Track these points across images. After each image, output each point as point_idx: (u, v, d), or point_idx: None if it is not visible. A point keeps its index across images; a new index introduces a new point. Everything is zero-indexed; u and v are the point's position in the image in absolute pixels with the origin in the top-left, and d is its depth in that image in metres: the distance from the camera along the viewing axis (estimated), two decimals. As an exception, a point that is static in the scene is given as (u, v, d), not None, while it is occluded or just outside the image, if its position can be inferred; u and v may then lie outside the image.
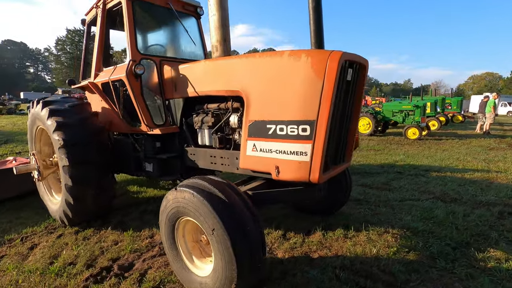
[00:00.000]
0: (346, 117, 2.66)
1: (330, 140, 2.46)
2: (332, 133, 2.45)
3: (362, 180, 5.48)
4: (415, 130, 11.33)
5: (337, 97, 2.36)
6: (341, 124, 2.63)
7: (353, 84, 2.58)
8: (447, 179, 5.48)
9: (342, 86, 2.38)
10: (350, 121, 2.75)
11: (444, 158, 7.75)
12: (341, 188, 3.63)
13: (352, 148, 2.91)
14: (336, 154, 2.72)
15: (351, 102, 2.65)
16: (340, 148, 2.74)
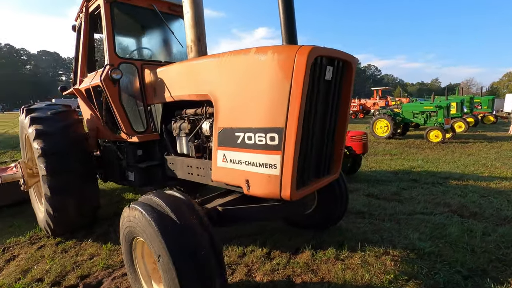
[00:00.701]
0: (329, 123, 2.30)
1: (307, 150, 2.12)
2: (308, 141, 2.10)
3: (370, 189, 5.01)
4: (438, 132, 10.49)
5: (313, 100, 2.03)
6: (322, 131, 2.28)
7: (336, 84, 2.23)
8: (468, 189, 4.86)
9: (318, 87, 2.04)
10: (334, 127, 2.39)
11: (469, 163, 7.02)
12: (335, 201, 3.23)
13: (340, 158, 2.54)
14: (318, 166, 2.37)
15: (335, 105, 2.30)
16: (324, 159, 2.39)
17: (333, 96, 2.24)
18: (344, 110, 2.41)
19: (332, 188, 3.20)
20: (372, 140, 11.51)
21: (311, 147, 2.15)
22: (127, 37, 3.89)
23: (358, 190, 4.97)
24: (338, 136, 2.47)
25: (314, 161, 2.30)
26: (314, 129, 2.13)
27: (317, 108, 2.10)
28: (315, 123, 2.12)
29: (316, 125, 2.14)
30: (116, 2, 3.34)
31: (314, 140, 2.19)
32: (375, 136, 12.03)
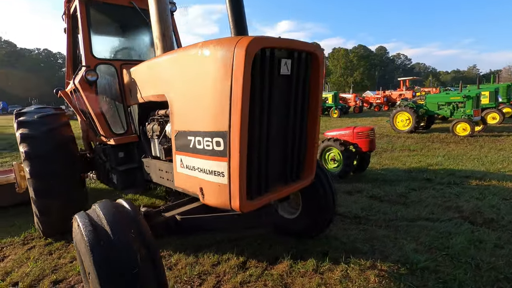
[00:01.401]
0: (293, 123, 2.05)
1: (262, 155, 1.89)
2: (262, 145, 1.86)
3: (375, 190, 4.62)
4: (466, 125, 9.57)
5: (264, 98, 1.78)
6: (284, 133, 2.03)
7: (299, 79, 1.96)
8: (489, 190, 4.31)
9: (272, 83, 1.79)
10: (301, 128, 2.12)
11: (496, 160, 6.29)
12: (319, 207, 2.95)
13: (312, 162, 2.27)
14: (284, 171, 2.13)
15: (300, 103, 2.03)
16: (290, 163, 2.14)
17: (295, 93, 1.98)
18: (314, 108, 2.13)
19: (315, 192, 2.92)
20: (392, 135, 10.82)
21: (267, 152, 1.91)
22: (106, 37, 3.82)
23: (361, 191, 4.60)
24: (308, 137, 2.20)
25: (277, 166, 2.06)
26: (270, 131, 1.88)
27: (273, 107, 1.85)
28: (271, 124, 1.87)
29: (273, 126, 1.89)
30: (92, 1, 3.27)
31: (273, 143, 1.95)
32: (395, 130, 11.29)
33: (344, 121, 16.18)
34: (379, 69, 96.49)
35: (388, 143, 9.08)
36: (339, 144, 5.27)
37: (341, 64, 73.05)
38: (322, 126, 14.67)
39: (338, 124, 14.97)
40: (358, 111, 21.77)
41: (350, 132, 5.41)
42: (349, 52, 77.51)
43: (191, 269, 2.69)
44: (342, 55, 74.79)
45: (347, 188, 4.77)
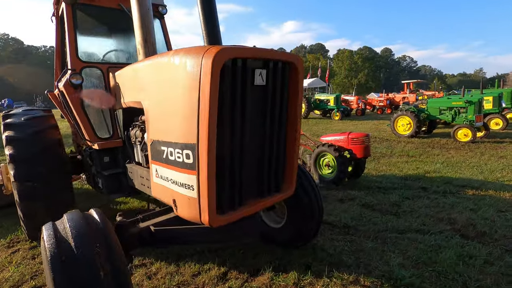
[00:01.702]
0: (270, 134, 1.98)
1: (234, 168, 1.82)
2: (235, 158, 1.80)
3: (368, 198, 4.52)
4: (467, 131, 9.41)
5: (236, 110, 1.71)
6: (259, 145, 1.96)
7: (276, 89, 1.89)
8: (484, 201, 4.20)
9: (245, 94, 1.73)
10: (279, 139, 2.05)
11: (496, 168, 6.15)
12: (303, 216, 2.87)
13: (292, 173, 2.20)
14: (261, 184, 2.06)
15: (277, 114, 1.96)
16: (268, 176, 2.07)
17: (272, 104, 1.91)
18: (293, 119, 2.06)
19: (299, 201, 2.85)
20: (392, 139, 10.68)
21: (242, 164, 1.84)
22: (94, 40, 3.78)
23: (353, 199, 4.52)
24: (287, 148, 2.13)
25: (254, 179, 2.00)
26: (244, 144, 1.82)
27: (247, 119, 1.78)
28: (245, 136, 1.80)
29: (247, 138, 1.83)
30: (78, 4, 3.23)
31: (249, 155, 1.88)
32: (396, 135, 11.14)
33: (345, 124, 16.04)
34: (384, 71, 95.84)
35: (387, 148, 8.95)
36: (334, 149, 5.19)
37: (345, 66, 72.60)
38: (323, 128, 14.56)
39: (339, 127, 14.87)
40: (361, 114, 21.56)
41: (345, 138, 5.32)
42: (353, 53, 77.00)
43: (170, 279, 2.64)
44: (347, 56, 74.31)
45: (340, 195, 4.69)
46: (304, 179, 2.90)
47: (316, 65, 47.27)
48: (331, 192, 4.90)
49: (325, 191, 5.02)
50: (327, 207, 4.25)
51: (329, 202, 4.49)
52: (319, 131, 13.41)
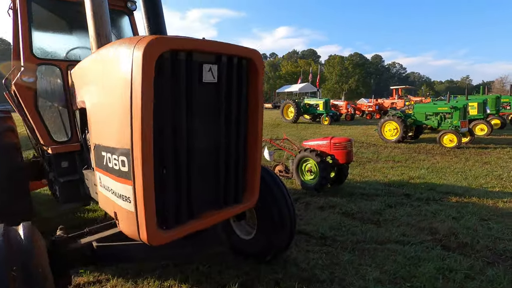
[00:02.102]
0: (226, 139, 1.77)
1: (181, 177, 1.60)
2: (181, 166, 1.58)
3: (349, 205, 4.34)
4: (453, 136, 9.41)
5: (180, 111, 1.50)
6: (213, 151, 1.74)
7: (231, 87, 1.69)
8: (467, 209, 4.07)
9: (190, 92, 1.52)
10: (238, 144, 1.84)
11: (480, 174, 6.08)
12: (274, 228, 2.65)
13: (254, 182, 1.99)
14: (217, 195, 1.84)
15: (234, 116, 1.75)
16: (225, 185, 1.85)
17: (228, 104, 1.70)
18: (254, 121, 1.85)
19: (269, 210, 2.63)
20: (379, 144, 10.62)
21: (190, 173, 1.62)
22: (53, 36, 3.53)
23: (334, 207, 4.33)
24: (249, 153, 1.92)
25: (207, 189, 1.78)
26: (192, 149, 1.60)
27: (196, 121, 1.57)
28: (191, 141, 1.59)
29: (195, 143, 1.61)
30: None
31: (200, 162, 1.66)
32: (383, 140, 11.09)
33: (334, 129, 16.00)
34: (375, 77, 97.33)
35: (374, 153, 8.85)
36: (315, 155, 5.01)
37: (336, 71, 73.43)
38: (311, 133, 14.46)
39: (328, 132, 14.79)
40: (350, 119, 21.63)
41: (327, 143, 5.15)
42: (344, 59, 78.03)
43: (125, 298, 2.37)
44: (338, 62, 75.23)
45: (320, 203, 4.49)
46: (274, 186, 2.69)
47: (308, 71, 47.57)
48: (313, 199, 4.71)
49: (307, 197, 4.83)
50: (307, 215, 4.05)
51: (310, 209, 4.30)
52: (307, 136, 13.28)
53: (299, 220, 3.89)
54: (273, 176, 2.79)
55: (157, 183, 1.46)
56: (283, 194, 2.71)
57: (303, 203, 4.55)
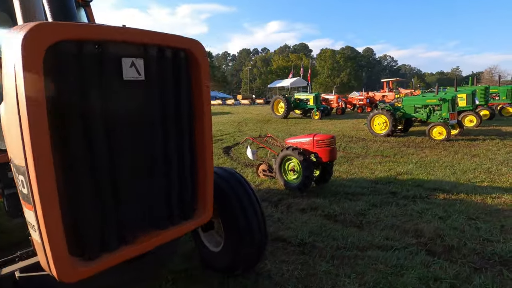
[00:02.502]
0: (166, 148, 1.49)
1: (104, 195, 1.32)
2: (103, 182, 1.30)
3: (332, 206, 4.12)
4: (442, 129, 9.27)
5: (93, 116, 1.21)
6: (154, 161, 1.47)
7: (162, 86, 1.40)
8: (454, 208, 3.88)
9: (106, 93, 1.23)
10: (182, 152, 1.57)
11: (468, 168, 5.92)
12: (241, 238, 2.39)
13: (206, 195, 1.72)
14: (158, 211, 1.56)
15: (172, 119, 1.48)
16: (167, 201, 1.58)
17: (162, 106, 1.42)
18: (199, 124, 1.58)
19: (235, 219, 2.37)
20: (369, 138, 10.44)
21: (115, 190, 1.34)
22: None
23: (316, 208, 4.10)
24: (198, 163, 1.65)
25: (142, 206, 1.50)
26: (117, 161, 1.32)
27: (115, 128, 1.29)
28: (116, 152, 1.31)
29: (121, 155, 1.33)
30: None
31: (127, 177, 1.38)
32: (372, 134, 10.92)
33: (324, 123, 15.79)
34: (366, 70, 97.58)
35: (362, 148, 8.67)
36: (298, 153, 4.76)
37: (328, 65, 73.26)
38: (301, 129, 14.24)
39: (318, 127, 14.59)
40: (341, 113, 21.46)
41: (310, 140, 4.90)
42: (335, 53, 77.82)
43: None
44: (329, 56, 75.01)
45: (303, 204, 4.26)
46: (241, 193, 2.42)
47: (299, 65, 47.27)
48: (295, 201, 4.47)
49: (290, 198, 4.59)
50: (288, 219, 3.81)
51: (291, 212, 4.06)
52: (297, 132, 13.06)
53: (280, 224, 3.66)
54: (240, 181, 2.52)
55: (70, 205, 1.18)
56: (251, 201, 2.45)
57: (285, 205, 4.31)
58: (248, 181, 2.58)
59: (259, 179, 5.78)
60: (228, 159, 7.87)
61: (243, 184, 2.52)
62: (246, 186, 2.53)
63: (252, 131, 13.46)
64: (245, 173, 6.29)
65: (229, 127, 15.34)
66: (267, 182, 5.56)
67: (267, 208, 4.22)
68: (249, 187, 2.55)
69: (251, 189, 2.56)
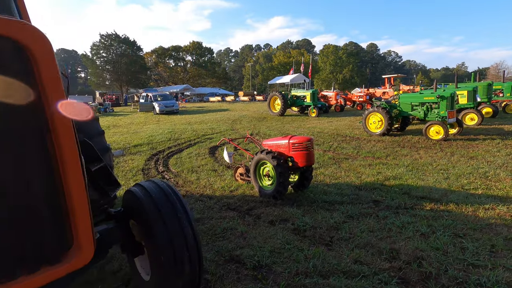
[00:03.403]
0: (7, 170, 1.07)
1: None
2: None
3: (304, 218, 3.69)
4: (439, 128, 8.76)
5: None
6: None
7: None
8: (440, 222, 3.43)
9: None
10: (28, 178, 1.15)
11: (463, 173, 5.44)
12: (167, 272, 1.98)
13: (83, 231, 1.30)
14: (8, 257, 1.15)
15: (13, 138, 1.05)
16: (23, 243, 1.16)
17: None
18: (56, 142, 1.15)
19: (160, 251, 1.95)
20: (363, 137, 9.96)
21: None
22: None
23: (287, 220, 3.68)
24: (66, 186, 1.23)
25: None
26: None
27: None
28: None
29: None
30: None
31: None
32: (368, 132, 10.43)
33: (321, 121, 15.30)
34: (370, 66, 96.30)
35: (354, 148, 8.20)
36: (272, 157, 4.33)
37: (330, 61, 72.23)
38: (296, 127, 13.76)
39: (313, 124, 14.13)
40: (339, 110, 20.93)
41: (286, 143, 4.47)
42: (338, 48, 76.69)
43: None
44: (332, 51, 73.94)
45: (273, 215, 3.84)
46: (171, 216, 2.00)
47: (300, 61, 46.52)
48: (266, 210, 4.05)
49: (261, 207, 4.18)
50: (252, 233, 3.40)
51: (258, 225, 3.64)
52: (290, 130, 12.63)
53: (241, 240, 3.25)
54: (171, 201, 2.09)
55: None
56: (182, 226, 2.02)
57: (254, 216, 3.90)
58: (182, 199, 2.15)
59: (236, 184, 5.37)
60: (211, 160, 7.48)
61: (174, 204, 2.10)
62: (178, 206, 2.10)
63: (245, 130, 13.03)
64: (223, 177, 5.89)
65: (222, 125, 14.92)
66: (243, 187, 5.15)
67: (234, 219, 3.81)
68: (181, 207, 2.12)
69: (185, 209, 2.13)
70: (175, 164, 7.27)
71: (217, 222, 3.73)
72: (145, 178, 6.22)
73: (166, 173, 6.57)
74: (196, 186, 5.43)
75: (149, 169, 7.00)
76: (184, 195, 4.99)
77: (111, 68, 54.97)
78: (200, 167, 6.83)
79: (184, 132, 12.57)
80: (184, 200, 2.17)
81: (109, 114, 25.59)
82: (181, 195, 2.18)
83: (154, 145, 9.86)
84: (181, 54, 66.40)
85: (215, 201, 4.57)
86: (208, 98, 44.13)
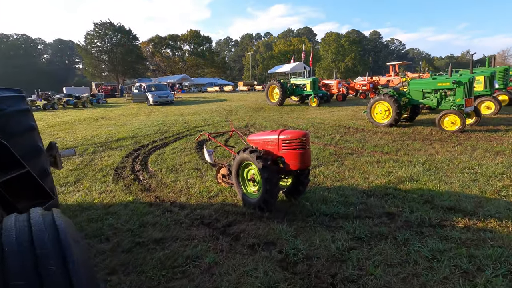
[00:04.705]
0: None
1: None
2: None
3: (296, 241, 2.74)
4: (455, 118, 7.72)
5: None
6: None
7: None
8: (486, 251, 2.47)
9: None
10: None
11: (493, 173, 4.46)
12: None
13: None
14: None
15: None
16: None
17: None
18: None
19: None
20: (368, 129, 8.95)
21: None
22: None
23: (273, 244, 2.74)
24: None
25: None
26: None
27: None
28: None
29: None
30: None
31: None
32: (373, 123, 9.40)
33: (322, 111, 14.24)
34: (373, 55, 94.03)
35: (359, 142, 7.21)
36: (257, 158, 3.37)
37: (332, 49, 70.26)
38: (295, 117, 12.70)
39: (313, 115, 13.07)
40: (341, 99, 19.80)
41: (275, 139, 3.48)
42: (340, 37, 74.47)
43: None
44: (333, 39, 71.83)
45: (256, 235, 2.90)
46: None
47: (301, 49, 44.95)
48: (249, 227, 3.12)
49: (244, 222, 3.25)
50: (222, 266, 2.48)
51: (234, 251, 2.71)
52: (288, 121, 11.61)
53: (206, 278, 2.32)
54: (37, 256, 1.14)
55: None
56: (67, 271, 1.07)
57: (231, 237, 2.96)
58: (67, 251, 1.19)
59: (217, 187, 4.43)
60: (196, 157, 6.53)
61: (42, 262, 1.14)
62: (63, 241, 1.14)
63: (240, 121, 12.04)
64: (205, 178, 4.95)
65: (216, 116, 13.93)
66: (225, 193, 4.21)
67: (204, 242, 2.88)
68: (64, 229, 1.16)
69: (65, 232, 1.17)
70: (155, 162, 6.34)
71: (181, 247, 2.80)
72: (115, 179, 5.29)
73: (141, 173, 5.64)
74: (170, 191, 4.49)
75: (123, 167, 6.07)
76: (152, 202, 4.06)
77: (106, 58, 53.46)
78: (182, 166, 5.89)
79: (174, 124, 11.60)
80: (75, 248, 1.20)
81: (101, 105, 24.57)
82: (70, 242, 1.22)
83: (139, 139, 8.92)
84: (179, 43, 64.59)
85: (187, 212, 3.64)
86: (206, 89, 42.85)
